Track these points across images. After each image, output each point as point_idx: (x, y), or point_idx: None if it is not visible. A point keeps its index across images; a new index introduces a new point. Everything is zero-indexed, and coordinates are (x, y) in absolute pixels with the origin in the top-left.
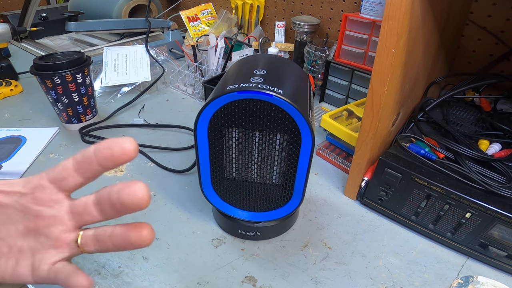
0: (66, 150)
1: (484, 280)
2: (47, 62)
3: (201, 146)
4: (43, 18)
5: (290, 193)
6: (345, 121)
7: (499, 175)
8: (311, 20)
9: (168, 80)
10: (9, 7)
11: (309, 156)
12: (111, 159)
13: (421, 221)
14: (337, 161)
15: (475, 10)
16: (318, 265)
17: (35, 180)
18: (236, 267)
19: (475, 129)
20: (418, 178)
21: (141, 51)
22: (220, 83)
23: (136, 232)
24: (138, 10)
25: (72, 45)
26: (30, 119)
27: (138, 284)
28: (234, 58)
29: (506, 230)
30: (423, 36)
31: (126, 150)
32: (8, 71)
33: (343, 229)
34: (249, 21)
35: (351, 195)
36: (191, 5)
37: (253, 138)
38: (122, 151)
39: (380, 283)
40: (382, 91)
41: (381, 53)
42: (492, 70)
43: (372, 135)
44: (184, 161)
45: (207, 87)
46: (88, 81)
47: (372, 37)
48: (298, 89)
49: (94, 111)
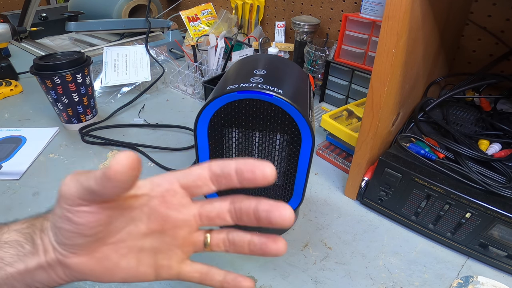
0: (66, 150)
1: (484, 280)
2: (47, 62)
3: (201, 146)
4: (43, 18)
5: (290, 193)
6: (345, 121)
7: (499, 175)
8: (311, 20)
9: (168, 80)
10: (9, 7)
11: (309, 156)
12: (251, 182)
13: (421, 221)
14: (337, 161)
15: (475, 10)
16: (318, 265)
17: (165, 184)
18: (236, 267)
19: (475, 129)
20: (418, 178)
21: (141, 51)
22: (220, 83)
23: (275, 245)
24: (138, 10)
25: (72, 45)
26: (30, 119)
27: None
28: (234, 58)
29: (506, 230)
30: (423, 36)
31: (267, 177)
32: (8, 71)
33: (343, 229)
34: (249, 21)
35: (351, 195)
36: (191, 5)
37: (253, 138)
38: (264, 177)
39: (380, 283)
40: (382, 91)
41: (381, 53)
42: (492, 70)
43: (372, 135)
44: (184, 161)
45: (207, 87)
46: (88, 81)
47: (372, 37)
48: (298, 89)
49: (94, 111)
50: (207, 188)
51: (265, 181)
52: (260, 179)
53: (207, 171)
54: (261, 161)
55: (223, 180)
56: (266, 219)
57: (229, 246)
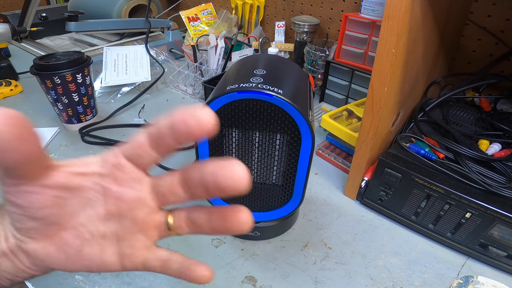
0: (66, 150)
1: (484, 280)
2: (47, 62)
3: (201, 146)
4: (43, 18)
5: (290, 193)
6: (345, 121)
7: (499, 175)
8: (311, 20)
9: (168, 80)
10: (9, 7)
11: (309, 156)
12: (187, 134)
13: (421, 221)
14: (337, 161)
15: (475, 10)
16: (318, 265)
17: (111, 158)
18: (236, 267)
19: (475, 129)
20: (418, 178)
21: (141, 51)
22: (220, 83)
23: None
24: (138, 10)
25: (72, 45)
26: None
27: (138, 284)
28: (234, 58)
29: (506, 230)
30: (423, 36)
31: (203, 124)
32: (8, 71)
33: (343, 229)
34: (249, 21)
35: (351, 195)
36: (191, 5)
37: (253, 138)
38: (199, 125)
39: (380, 283)
40: (382, 91)
41: (381, 53)
42: (492, 70)
43: (372, 135)
44: (184, 161)
45: (207, 87)
46: (88, 81)
47: (372, 37)
48: (298, 89)
49: (94, 111)
50: (149, 157)
51: (204, 132)
52: (196, 129)
53: (146, 136)
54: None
55: (160, 141)
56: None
57: (191, 226)
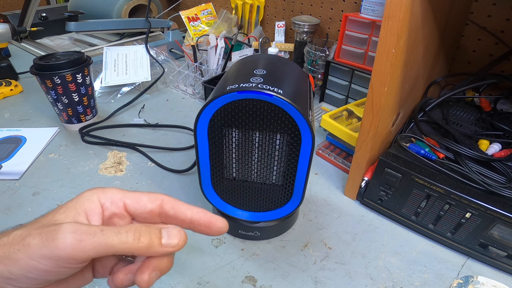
0: (66, 150)
1: (484, 280)
2: (47, 62)
3: (201, 146)
4: (43, 18)
5: (290, 193)
6: (345, 121)
7: (499, 175)
8: (311, 20)
9: (168, 80)
10: (9, 7)
11: (309, 156)
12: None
13: (421, 221)
14: (337, 161)
15: (475, 10)
16: (318, 265)
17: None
18: (236, 267)
19: (475, 129)
20: (418, 178)
21: (141, 51)
22: (220, 83)
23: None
24: (138, 10)
25: (72, 45)
26: (30, 119)
27: None
28: (234, 58)
29: (506, 230)
30: (423, 36)
31: (222, 232)
32: (8, 71)
33: (343, 229)
34: (249, 21)
35: (351, 195)
36: (191, 5)
37: (253, 138)
38: (218, 232)
39: (380, 283)
40: (382, 91)
41: (381, 53)
42: (492, 70)
43: (372, 135)
44: (184, 161)
45: (207, 87)
46: (88, 81)
47: (372, 37)
48: (298, 89)
49: (94, 111)
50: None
51: (217, 234)
52: (213, 234)
53: (159, 209)
54: (219, 219)
55: (172, 221)
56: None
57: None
